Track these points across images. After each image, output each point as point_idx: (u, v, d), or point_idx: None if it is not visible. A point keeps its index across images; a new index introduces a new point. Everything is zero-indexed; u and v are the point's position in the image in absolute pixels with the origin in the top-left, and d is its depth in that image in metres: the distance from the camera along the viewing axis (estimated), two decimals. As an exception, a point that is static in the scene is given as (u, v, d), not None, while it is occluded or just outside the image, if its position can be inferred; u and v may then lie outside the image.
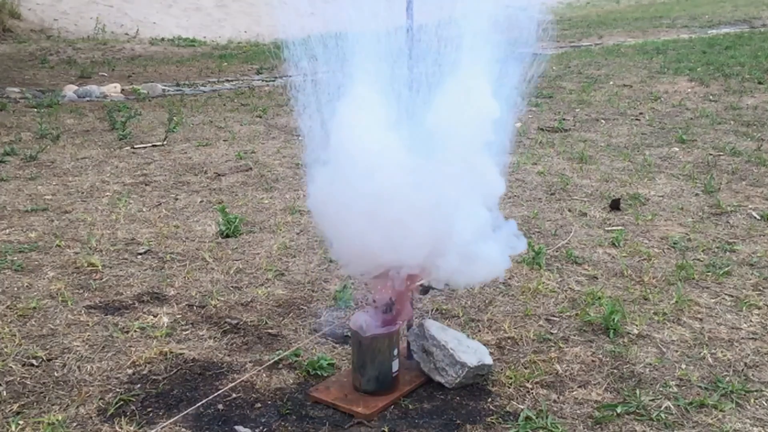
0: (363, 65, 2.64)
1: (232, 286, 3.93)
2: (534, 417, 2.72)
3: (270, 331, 3.44)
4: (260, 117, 8.66)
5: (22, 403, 2.83)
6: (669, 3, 24.11)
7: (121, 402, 2.84)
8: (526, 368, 3.08)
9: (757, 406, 2.81)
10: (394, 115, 2.68)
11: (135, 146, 7.12)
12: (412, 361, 3.00)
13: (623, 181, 5.81)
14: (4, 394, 2.89)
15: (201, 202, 5.44)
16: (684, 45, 13.73)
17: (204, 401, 2.81)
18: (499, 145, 2.78)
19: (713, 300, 3.72)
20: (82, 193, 5.64)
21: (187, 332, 3.42)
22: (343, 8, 2.62)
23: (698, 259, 4.24)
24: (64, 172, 6.22)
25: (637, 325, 3.44)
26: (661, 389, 2.92)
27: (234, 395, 2.89)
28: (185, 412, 2.75)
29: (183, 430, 2.68)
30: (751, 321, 3.50)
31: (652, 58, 12.31)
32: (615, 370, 3.06)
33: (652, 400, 2.84)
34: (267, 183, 5.92)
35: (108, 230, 4.79)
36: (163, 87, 10.74)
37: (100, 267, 4.15)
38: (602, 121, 8.07)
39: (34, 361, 3.14)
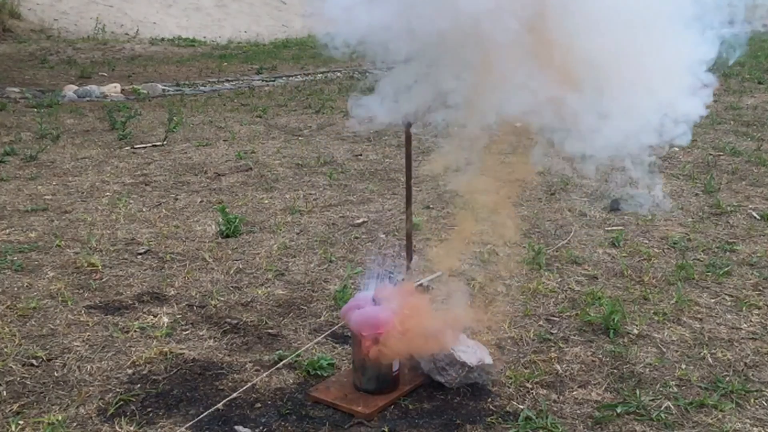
0: None
1: (232, 286, 3.93)
2: (534, 417, 2.72)
3: (270, 331, 3.44)
4: (260, 117, 8.66)
5: (22, 403, 2.83)
6: (669, 3, 24.07)
7: (121, 402, 2.84)
8: (526, 368, 3.08)
9: (757, 406, 2.81)
10: None
11: (135, 146, 7.12)
12: (412, 361, 2.99)
13: (623, 180, 5.80)
14: (4, 394, 2.89)
15: (201, 202, 5.44)
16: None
17: (212, 409, 2.81)
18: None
19: (713, 300, 3.72)
20: (82, 193, 5.64)
21: (187, 332, 3.42)
22: None
23: (698, 259, 4.24)
24: (64, 172, 6.22)
25: (637, 325, 3.44)
26: (661, 389, 2.92)
27: (234, 395, 2.89)
28: (190, 423, 2.74)
29: (183, 430, 2.68)
30: (751, 321, 3.50)
31: (652, 58, 12.28)
32: (615, 370, 3.06)
33: (652, 400, 2.84)
34: (267, 183, 5.92)
35: (108, 230, 4.79)
36: (163, 87, 10.73)
37: (100, 267, 4.15)
38: (602, 121, 8.05)
39: (34, 361, 3.14)
